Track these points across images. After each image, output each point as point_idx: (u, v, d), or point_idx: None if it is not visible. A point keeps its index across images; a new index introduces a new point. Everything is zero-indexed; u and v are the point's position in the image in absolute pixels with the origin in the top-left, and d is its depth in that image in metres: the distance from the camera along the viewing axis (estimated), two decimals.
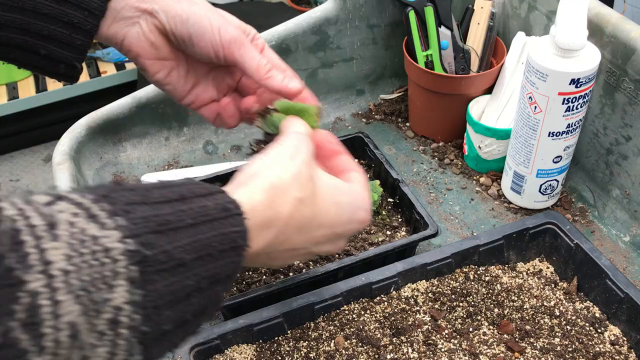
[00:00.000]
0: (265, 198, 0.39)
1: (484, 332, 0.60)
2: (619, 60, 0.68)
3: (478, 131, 0.78)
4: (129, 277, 0.29)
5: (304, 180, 0.42)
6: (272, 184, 0.40)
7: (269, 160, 0.43)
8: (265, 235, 0.40)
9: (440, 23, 0.82)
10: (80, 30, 0.49)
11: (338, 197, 0.45)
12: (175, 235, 0.32)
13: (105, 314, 0.28)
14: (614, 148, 0.73)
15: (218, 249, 0.33)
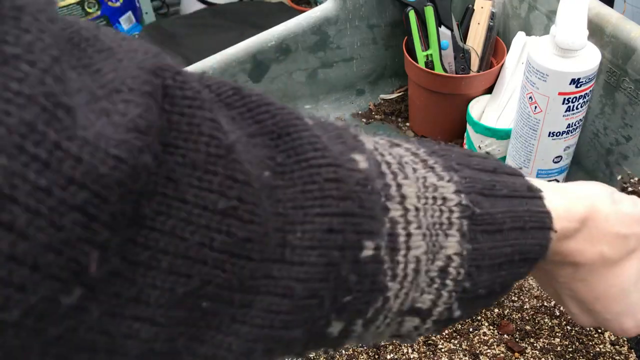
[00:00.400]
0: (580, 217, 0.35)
1: (484, 332, 0.60)
2: (619, 60, 0.68)
3: (478, 131, 0.78)
4: (460, 230, 0.29)
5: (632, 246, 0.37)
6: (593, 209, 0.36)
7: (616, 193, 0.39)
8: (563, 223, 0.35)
9: (441, 23, 0.82)
10: None
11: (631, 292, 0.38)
12: (495, 201, 0.31)
13: (438, 260, 0.29)
14: (614, 148, 0.73)
15: (529, 225, 0.32)
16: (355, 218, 0.26)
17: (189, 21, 1.95)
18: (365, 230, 0.26)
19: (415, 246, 0.28)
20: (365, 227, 0.26)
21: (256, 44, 0.85)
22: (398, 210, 0.28)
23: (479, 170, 0.32)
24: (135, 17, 2.26)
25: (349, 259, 0.26)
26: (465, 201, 0.30)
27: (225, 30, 1.86)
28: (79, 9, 2.09)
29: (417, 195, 0.29)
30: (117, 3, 2.15)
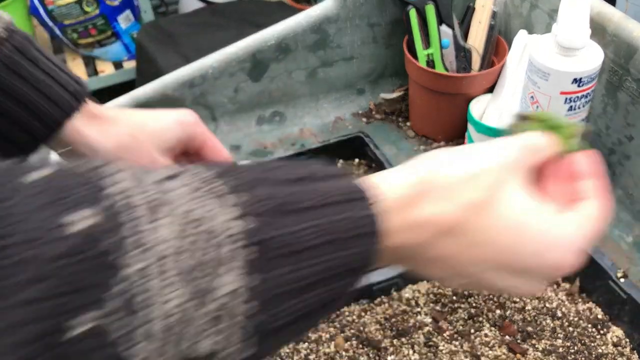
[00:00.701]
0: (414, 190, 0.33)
1: (485, 334, 0.60)
2: (621, 59, 0.67)
3: (479, 131, 0.78)
4: (247, 259, 0.26)
5: (485, 184, 0.34)
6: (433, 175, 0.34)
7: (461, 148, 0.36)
8: (407, 235, 0.33)
9: (442, 22, 0.81)
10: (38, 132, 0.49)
11: (530, 220, 0.35)
12: (298, 217, 0.28)
13: (218, 299, 0.25)
14: (617, 148, 0.72)
15: (346, 234, 0.29)
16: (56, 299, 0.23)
17: (188, 20, 1.95)
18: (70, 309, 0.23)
19: (173, 297, 0.25)
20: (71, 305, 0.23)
21: (256, 43, 0.85)
22: (141, 262, 0.24)
23: (283, 184, 0.29)
24: (133, 16, 2.25)
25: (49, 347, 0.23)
26: (253, 225, 0.27)
27: (225, 29, 1.86)
28: (78, 8, 2.08)
29: (180, 235, 0.25)
30: (116, 2, 2.14)
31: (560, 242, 0.36)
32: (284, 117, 0.91)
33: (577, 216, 0.36)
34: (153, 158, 0.54)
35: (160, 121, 0.55)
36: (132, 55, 2.19)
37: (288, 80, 0.90)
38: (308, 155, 0.78)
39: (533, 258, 0.35)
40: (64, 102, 0.49)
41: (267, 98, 0.90)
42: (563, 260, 0.36)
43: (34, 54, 0.47)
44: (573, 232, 0.36)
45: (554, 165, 0.39)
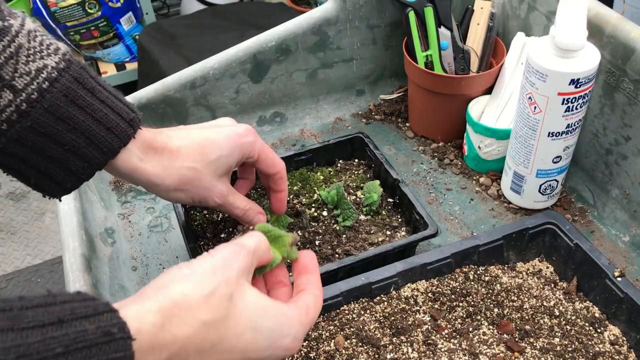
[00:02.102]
0: (159, 319, 0.36)
1: (483, 332, 0.60)
2: (618, 60, 0.68)
3: (478, 131, 0.79)
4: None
5: (217, 301, 0.39)
6: (174, 302, 0.37)
7: (187, 271, 0.40)
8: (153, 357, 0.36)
9: (440, 23, 0.82)
10: (75, 177, 0.50)
11: (260, 321, 0.42)
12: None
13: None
14: (614, 148, 0.73)
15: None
16: None
17: (190, 21, 1.95)
18: None
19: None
20: None
21: (256, 45, 0.85)
22: None
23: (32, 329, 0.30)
24: (135, 18, 2.26)
25: None
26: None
27: (226, 31, 1.86)
28: (80, 10, 2.09)
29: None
30: (118, 3, 2.15)
31: (286, 333, 0.44)
32: (284, 117, 0.92)
33: (296, 309, 0.45)
34: (211, 187, 0.57)
35: (220, 148, 0.56)
36: (134, 56, 2.20)
37: (288, 82, 0.90)
38: (308, 155, 0.79)
39: (268, 350, 0.43)
40: (121, 131, 0.50)
41: (268, 99, 0.91)
42: (290, 345, 0.44)
43: (91, 84, 0.48)
44: (297, 322, 0.45)
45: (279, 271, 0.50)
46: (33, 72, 0.45)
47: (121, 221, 0.78)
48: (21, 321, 0.30)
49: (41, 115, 0.46)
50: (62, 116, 0.46)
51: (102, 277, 0.66)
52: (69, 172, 0.49)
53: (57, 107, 0.46)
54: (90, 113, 0.48)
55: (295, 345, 0.45)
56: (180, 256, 0.73)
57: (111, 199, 0.81)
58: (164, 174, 0.53)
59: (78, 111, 0.47)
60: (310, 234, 0.69)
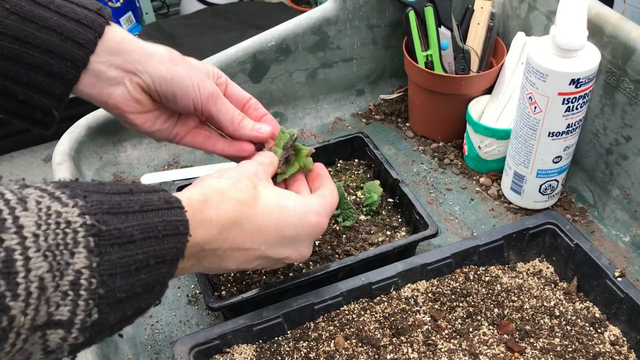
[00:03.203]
0: (201, 197, 0.45)
1: (483, 332, 0.60)
2: (618, 60, 0.68)
3: (478, 131, 0.79)
4: (87, 246, 0.34)
5: (244, 186, 0.49)
6: (210, 187, 0.47)
7: (217, 174, 0.50)
8: (205, 230, 0.44)
9: (440, 23, 0.82)
10: (61, 80, 0.50)
11: (284, 201, 0.51)
12: (125, 217, 0.37)
13: (68, 276, 0.33)
14: (614, 148, 0.73)
15: (162, 233, 0.38)
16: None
17: (189, 21, 1.95)
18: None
19: (36, 267, 0.32)
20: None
21: (256, 44, 0.85)
22: (14, 239, 0.31)
23: (111, 194, 0.37)
24: (135, 17, 2.26)
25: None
26: (90, 221, 0.34)
27: (226, 31, 1.86)
28: None
29: (37, 223, 0.32)
30: (118, 3, 2.15)
31: (310, 210, 0.52)
32: (284, 117, 0.92)
33: (317, 196, 0.55)
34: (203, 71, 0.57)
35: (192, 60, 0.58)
36: None
37: (288, 81, 0.90)
38: None
39: (299, 226, 0.51)
40: (91, 21, 0.49)
41: (268, 99, 0.91)
42: (316, 220, 0.52)
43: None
44: (317, 202, 0.53)
45: (297, 180, 0.59)
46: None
47: None
48: (104, 189, 0.37)
49: (6, 17, 0.46)
50: (27, 15, 0.47)
51: None
52: (53, 76, 0.49)
53: (19, 6, 0.47)
54: (54, 10, 0.48)
55: (321, 221, 0.53)
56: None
57: None
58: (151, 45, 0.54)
59: (42, 9, 0.47)
60: None
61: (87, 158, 0.81)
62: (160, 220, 0.39)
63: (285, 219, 0.50)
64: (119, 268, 0.35)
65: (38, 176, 2.08)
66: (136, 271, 0.36)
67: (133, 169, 0.84)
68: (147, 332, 0.65)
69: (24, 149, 2.14)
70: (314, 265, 0.66)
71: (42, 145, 2.14)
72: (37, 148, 2.14)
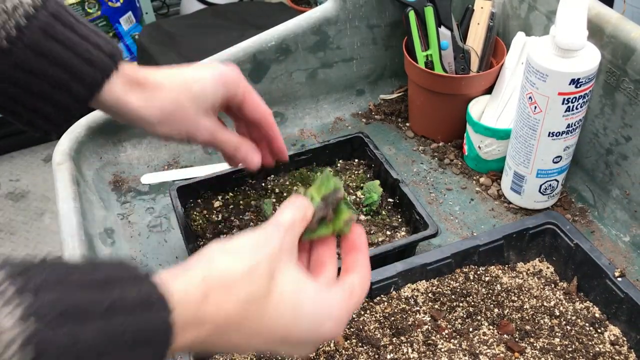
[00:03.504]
0: (201, 293, 0.36)
1: (483, 332, 0.60)
2: (619, 60, 0.68)
3: (478, 131, 0.79)
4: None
5: (259, 277, 0.38)
6: (217, 277, 0.37)
7: (230, 246, 0.39)
8: (194, 332, 0.35)
9: (440, 23, 0.82)
10: (65, 111, 0.51)
11: (301, 302, 0.40)
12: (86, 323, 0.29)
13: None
14: (614, 148, 0.73)
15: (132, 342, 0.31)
16: None
17: (189, 21, 1.95)
18: None
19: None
20: None
21: (256, 44, 0.85)
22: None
23: (79, 287, 0.30)
24: (135, 18, 2.26)
25: None
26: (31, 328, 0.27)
27: (226, 30, 1.86)
28: (80, 9, 2.09)
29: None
30: (118, 3, 2.15)
31: (329, 316, 0.42)
32: (284, 117, 0.92)
33: (341, 291, 0.43)
34: (197, 121, 0.56)
35: (204, 82, 0.56)
36: (134, 56, 2.20)
37: (288, 81, 0.90)
38: (308, 155, 0.79)
39: (308, 333, 0.41)
40: (101, 64, 0.50)
41: (268, 99, 0.90)
42: (331, 330, 0.42)
43: (70, 20, 0.49)
44: (338, 306, 0.42)
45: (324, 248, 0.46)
46: (9, 9, 0.46)
47: (121, 221, 0.78)
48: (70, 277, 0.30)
49: (22, 51, 0.47)
50: (43, 51, 0.47)
51: None
52: (57, 108, 0.50)
53: (36, 43, 0.47)
54: (70, 47, 0.48)
55: (337, 330, 0.42)
56: (179, 256, 0.73)
57: (111, 199, 0.81)
58: (146, 105, 0.54)
59: (58, 46, 0.48)
60: None
61: (87, 158, 0.81)
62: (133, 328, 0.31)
63: (297, 324, 0.40)
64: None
65: (38, 176, 2.08)
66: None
67: (133, 169, 0.84)
68: None
69: (24, 149, 2.14)
70: None
71: (42, 145, 2.14)
72: (37, 148, 2.14)
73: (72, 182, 0.73)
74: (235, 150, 0.60)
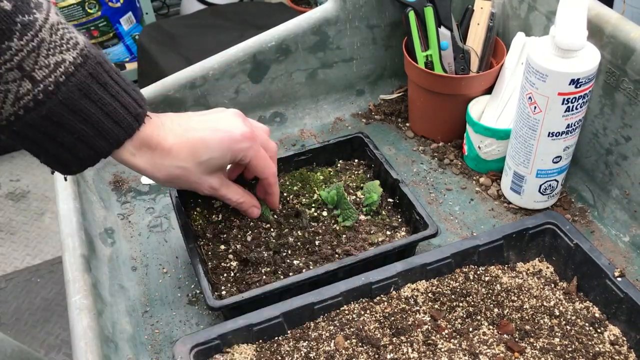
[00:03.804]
0: None
1: (483, 332, 0.60)
2: (618, 60, 0.68)
3: (478, 131, 0.79)
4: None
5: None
6: None
7: None
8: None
9: (440, 23, 0.82)
10: (82, 162, 0.54)
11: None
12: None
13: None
14: (614, 148, 0.73)
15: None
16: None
17: (189, 21, 1.95)
18: None
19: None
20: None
21: (256, 45, 0.85)
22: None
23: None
24: (135, 18, 2.26)
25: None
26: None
27: (226, 31, 1.86)
28: (80, 10, 2.09)
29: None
30: (118, 3, 2.15)
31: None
32: (284, 117, 0.92)
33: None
34: (201, 180, 0.62)
35: (213, 151, 0.60)
36: (134, 56, 2.20)
37: (288, 82, 0.90)
38: (308, 155, 0.79)
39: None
40: (127, 124, 0.54)
41: (268, 99, 0.91)
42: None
43: (105, 79, 0.52)
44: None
45: None
46: (52, 65, 0.48)
47: (121, 221, 0.78)
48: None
49: (56, 106, 0.49)
50: (75, 108, 0.50)
51: (101, 277, 0.66)
52: (76, 157, 0.53)
53: (71, 99, 0.50)
54: (101, 107, 0.52)
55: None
56: (180, 256, 0.73)
57: (111, 199, 0.81)
58: (153, 169, 0.58)
59: (90, 104, 0.51)
60: (310, 234, 0.69)
61: None
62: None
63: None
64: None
65: (38, 176, 2.08)
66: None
67: None
68: (147, 332, 0.65)
69: None
70: (314, 265, 0.66)
71: None
72: None
73: (72, 182, 0.73)
74: (238, 205, 0.68)
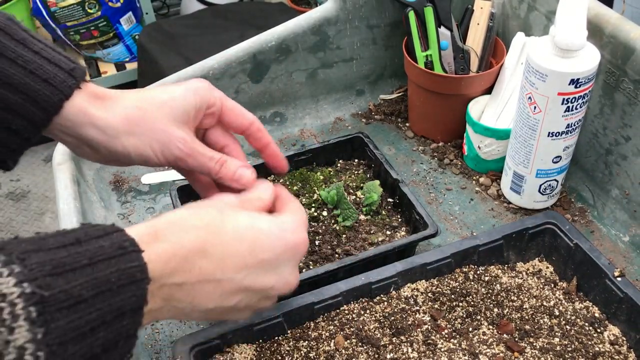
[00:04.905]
0: (150, 231, 0.40)
1: (483, 332, 0.60)
2: (618, 60, 0.68)
3: (477, 131, 0.79)
4: (28, 318, 0.31)
5: (204, 212, 0.43)
6: (163, 219, 0.41)
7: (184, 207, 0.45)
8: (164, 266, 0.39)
9: (440, 23, 0.82)
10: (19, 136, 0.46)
11: (258, 224, 0.44)
12: (73, 275, 0.33)
13: (9, 355, 0.30)
14: (613, 148, 0.73)
15: (117, 284, 0.35)
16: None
17: (190, 21, 1.95)
18: None
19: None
20: None
21: (256, 44, 0.86)
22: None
23: (56, 249, 0.34)
24: (135, 18, 2.26)
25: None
26: (29, 289, 0.31)
27: (226, 31, 1.86)
28: (80, 10, 2.09)
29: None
30: (118, 3, 2.15)
31: (286, 228, 0.46)
32: (284, 117, 0.92)
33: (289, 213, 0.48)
34: (167, 130, 0.49)
35: (170, 92, 0.50)
36: (134, 56, 2.20)
37: (288, 82, 0.90)
38: (308, 155, 0.79)
39: (274, 250, 0.45)
40: (60, 82, 0.45)
41: (268, 99, 0.91)
42: (295, 240, 0.46)
43: (22, 35, 0.44)
44: (291, 220, 0.47)
45: None
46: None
47: (121, 221, 0.78)
48: (45, 244, 0.34)
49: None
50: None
51: None
52: (11, 133, 0.45)
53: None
54: (22, 65, 0.43)
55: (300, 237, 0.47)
56: None
57: (111, 199, 0.81)
58: (107, 115, 0.47)
59: (8, 64, 0.43)
60: (310, 234, 0.69)
61: None
62: (114, 271, 0.35)
63: (261, 241, 0.44)
64: (70, 334, 0.32)
65: (38, 176, 2.08)
66: (91, 332, 0.33)
67: (133, 169, 0.85)
68: (147, 332, 0.65)
69: None
70: (314, 265, 0.66)
71: (42, 146, 2.14)
72: (38, 148, 2.14)
73: (72, 182, 0.73)
74: (220, 165, 0.51)
